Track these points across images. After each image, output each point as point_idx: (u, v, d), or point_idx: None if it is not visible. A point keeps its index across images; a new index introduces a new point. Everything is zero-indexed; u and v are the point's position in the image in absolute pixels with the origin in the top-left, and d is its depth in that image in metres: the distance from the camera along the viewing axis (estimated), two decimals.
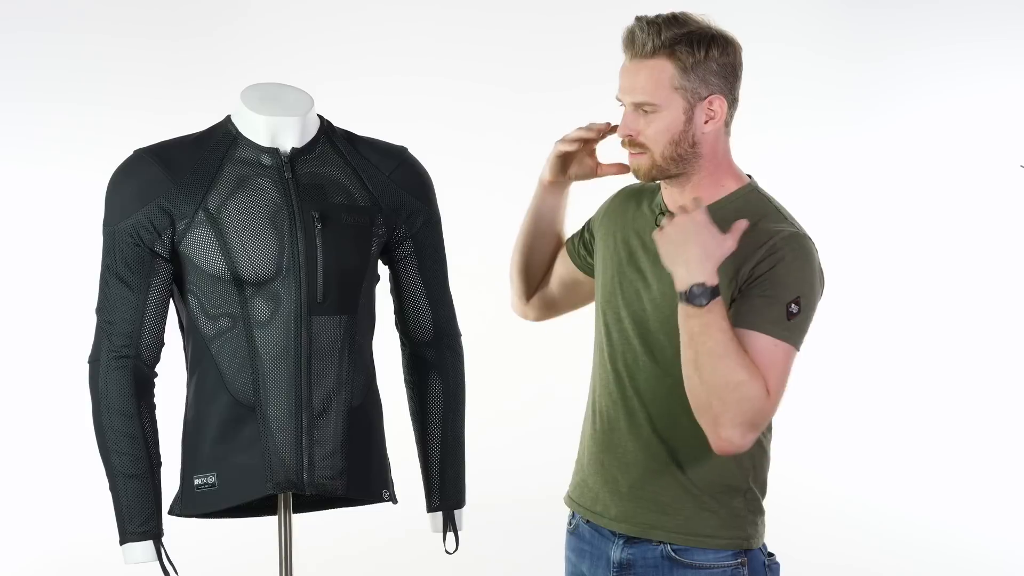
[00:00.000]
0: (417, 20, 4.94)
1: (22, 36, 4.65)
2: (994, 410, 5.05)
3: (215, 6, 4.84)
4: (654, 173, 2.25)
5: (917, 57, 5.10)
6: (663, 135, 2.20)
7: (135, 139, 2.39)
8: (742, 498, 2.25)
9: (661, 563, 2.25)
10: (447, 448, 2.47)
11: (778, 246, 2.16)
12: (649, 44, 2.18)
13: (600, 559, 2.32)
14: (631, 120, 2.23)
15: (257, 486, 2.25)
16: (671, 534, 2.24)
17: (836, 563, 4.62)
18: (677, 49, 2.17)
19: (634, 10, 2.27)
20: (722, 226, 2.14)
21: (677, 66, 2.18)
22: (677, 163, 2.22)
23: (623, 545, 2.28)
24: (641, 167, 2.25)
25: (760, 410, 2.08)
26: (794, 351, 2.14)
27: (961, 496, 4.98)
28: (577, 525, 2.38)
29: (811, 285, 2.17)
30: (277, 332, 2.24)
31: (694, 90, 2.19)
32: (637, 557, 2.26)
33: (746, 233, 2.15)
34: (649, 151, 2.22)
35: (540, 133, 4.92)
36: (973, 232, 5.07)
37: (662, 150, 2.21)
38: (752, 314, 2.13)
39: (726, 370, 2.06)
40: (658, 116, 2.20)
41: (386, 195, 2.36)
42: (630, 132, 2.23)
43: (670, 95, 2.19)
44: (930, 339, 5.11)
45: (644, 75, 2.20)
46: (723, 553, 2.23)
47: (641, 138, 2.22)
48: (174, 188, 2.24)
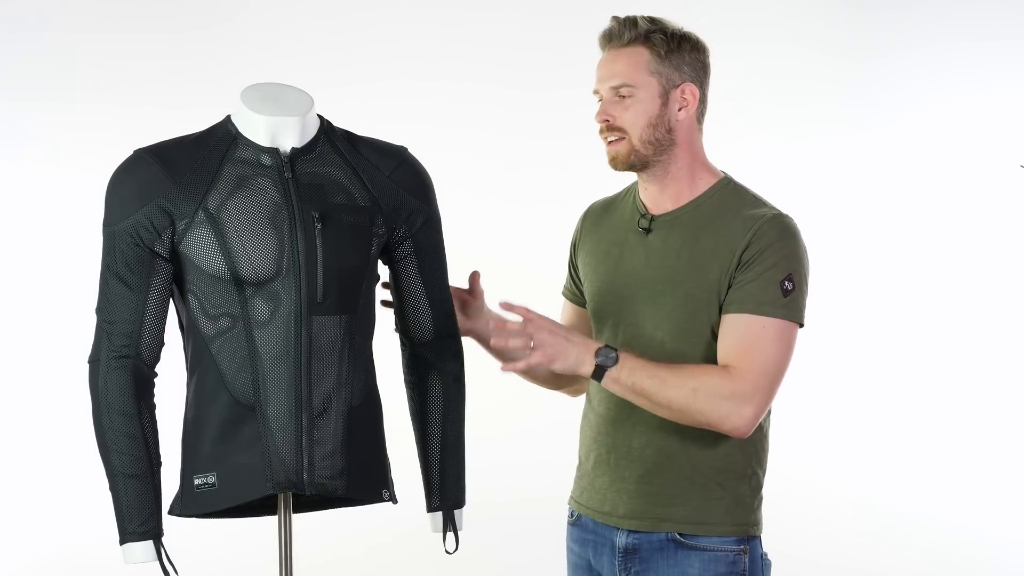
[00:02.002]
0: (417, 21, 4.94)
1: (22, 36, 4.65)
2: (993, 409, 5.05)
3: (215, 6, 4.84)
4: (632, 160, 2.32)
5: (917, 57, 5.10)
6: (640, 118, 2.29)
7: (135, 139, 2.39)
8: (747, 483, 2.31)
9: (666, 545, 2.30)
10: (447, 448, 2.47)
11: (763, 229, 2.25)
12: (626, 35, 2.31)
13: (604, 546, 2.37)
14: (608, 106, 2.32)
15: (257, 486, 2.25)
16: (679, 524, 2.30)
17: (838, 564, 4.62)
18: (652, 37, 2.30)
19: (638, 10, 2.33)
20: (704, 222, 2.28)
21: (652, 52, 2.29)
22: (655, 148, 2.30)
23: (628, 532, 2.34)
24: (619, 153, 2.32)
25: (734, 390, 2.18)
26: (795, 326, 2.25)
27: (962, 495, 4.97)
28: (579, 517, 2.44)
29: (799, 260, 2.26)
30: (277, 332, 2.24)
31: (668, 76, 2.30)
32: (643, 541, 2.32)
33: (728, 222, 2.26)
34: (627, 135, 2.30)
35: (540, 133, 4.96)
36: (973, 232, 5.07)
37: (640, 133, 2.29)
38: (747, 299, 2.23)
39: (675, 391, 2.18)
40: (635, 100, 2.29)
41: (386, 195, 2.36)
42: (607, 117, 2.31)
43: (647, 78, 2.29)
44: (929, 338, 5.11)
45: (622, 61, 2.31)
46: (728, 540, 2.29)
47: (619, 122, 2.30)
48: (174, 188, 2.24)
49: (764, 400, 2.22)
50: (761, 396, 2.21)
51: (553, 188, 4.75)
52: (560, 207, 5.05)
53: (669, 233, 2.33)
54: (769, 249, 2.23)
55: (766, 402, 2.23)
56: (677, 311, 2.28)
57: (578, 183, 5.03)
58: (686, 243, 2.30)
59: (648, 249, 2.34)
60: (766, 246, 2.23)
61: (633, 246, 2.36)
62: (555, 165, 4.81)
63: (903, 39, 5.11)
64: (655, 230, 2.34)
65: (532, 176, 4.87)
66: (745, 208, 2.29)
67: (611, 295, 2.38)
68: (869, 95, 5.13)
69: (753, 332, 2.21)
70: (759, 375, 2.20)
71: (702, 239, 2.29)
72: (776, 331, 2.22)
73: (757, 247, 2.23)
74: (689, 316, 2.28)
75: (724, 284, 2.25)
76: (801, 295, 2.25)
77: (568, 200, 4.83)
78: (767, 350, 2.21)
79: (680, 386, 2.18)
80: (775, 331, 2.22)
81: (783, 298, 2.22)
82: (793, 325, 2.24)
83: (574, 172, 4.77)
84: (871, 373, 5.13)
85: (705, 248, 2.28)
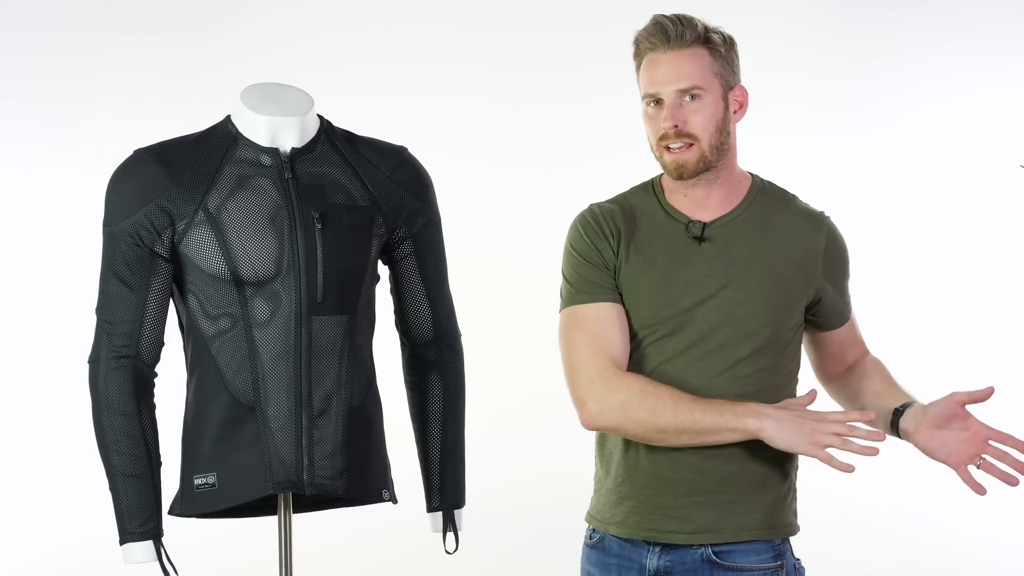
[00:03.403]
0: (418, 20, 4.94)
1: (22, 36, 4.65)
2: (993, 409, 5.04)
3: (215, 6, 4.84)
4: (701, 166, 2.21)
5: (916, 56, 5.10)
6: (710, 122, 2.20)
7: (135, 139, 2.39)
8: (787, 483, 2.27)
9: (701, 566, 2.21)
10: (447, 448, 2.47)
11: (833, 229, 2.32)
12: (687, 34, 2.19)
13: (631, 569, 2.25)
14: (676, 111, 2.18)
15: (257, 486, 2.25)
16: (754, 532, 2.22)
17: (843, 566, 4.62)
18: (712, 38, 2.21)
19: (634, 11, 2.28)
20: (758, 224, 2.25)
21: (713, 53, 2.21)
22: (719, 154, 2.22)
23: (660, 552, 2.22)
24: (688, 161, 2.20)
25: None
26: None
27: (966, 497, 4.96)
28: (601, 539, 2.30)
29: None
30: (277, 332, 2.24)
31: (727, 78, 2.23)
32: (676, 563, 2.21)
33: (785, 220, 2.27)
34: (698, 141, 2.19)
35: (540, 133, 4.95)
36: (973, 232, 5.06)
37: (709, 139, 2.20)
38: (848, 308, 2.37)
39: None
40: (704, 103, 2.19)
41: (386, 195, 2.36)
42: (677, 122, 2.18)
43: (712, 80, 2.20)
44: (929, 339, 5.10)
45: (686, 61, 2.19)
46: (765, 556, 2.21)
47: (689, 127, 2.18)
48: (174, 188, 2.24)
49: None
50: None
51: (553, 188, 4.75)
52: (560, 207, 5.06)
53: (729, 239, 2.23)
54: (844, 251, 2.35)
55: None
56: (752, 318, 2.19)
57: (578, 183, 5.04)
58: (750, 248, 2.22)
59: (708, 257, 2.22)
60: (841, 246, 2.34)
61: (687, 255, 2.23)
62: (555, 165, 4.81)
63: (903, 39, 5.11)
64: (711, 238, 2.23)
65: (532, 176, 4.87)
66: (791, 204, 2.32)
67: (667, 307, 2.22)
68: (869, 95, 5.13)
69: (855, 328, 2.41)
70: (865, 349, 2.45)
71: (767, 242, 2.23)
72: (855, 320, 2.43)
73: (835, 247, 2.32)
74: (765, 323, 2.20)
75: (802, 287, 2.25)
76: None
77: (568, 200, 4.83)
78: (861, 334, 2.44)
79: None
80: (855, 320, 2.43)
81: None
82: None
83: (574, 172, 4.78)
84: None
85: (774, 251, 2.22)
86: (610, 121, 4.17)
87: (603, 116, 4.58)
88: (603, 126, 4.57)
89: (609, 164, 3.85)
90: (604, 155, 4.52)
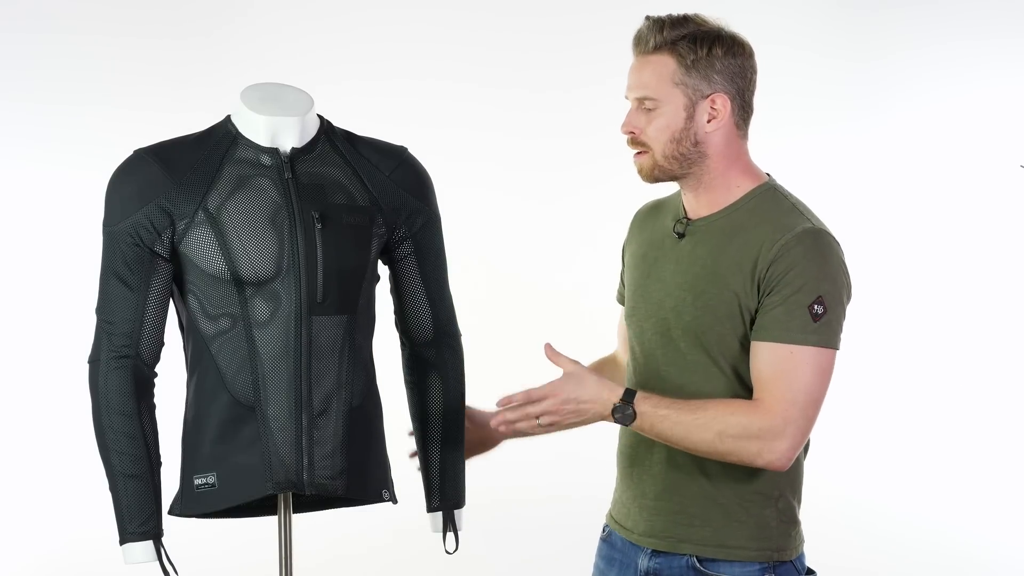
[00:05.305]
0: (418, 21, 4.94)
1: (22, 36, 4.65)
2: (993, 410, 5.04)
3: (215, 6, 4.84)
4: (656, 173, 2.23)
5: (917, 57, 5.10)
6: (663, 132, 2.19)
7: (135, 139, 2.39)
8: (773, 507, 2.22)
9: (687, 573, 2.23)
10: (447, 448, 2.47)
11: (789, 245, 2.13)
12: (652, 41, 2.18)
13: (629, 567, 2.32)
14: (633, 117, 2.22)
15: (257, 486, 2.25)
16: (698, 547, 2.22)
17: (843, 566, 4.62)
18: (679, 45, 2.17)
19: (634, 12, 2.28)
20: (735, 229, 2.18)
21: (679, 62, 2.17)
22: (680, 163, 2.21)
23: (651, 555, 2.28)
24: (644, 167, 2.24)
25: (761, 426, 2.10)
26: (828, 351, 2.13)
27: (966, 498, 4.97)
28: (611, 533, 2.39)
29: (833, 280, 2.14)
30: (277, 332, 2.24)
31: (695, 87, 2.18)
32: (664, 567, 2.26)
33: (758, 231, 2.16)
34: (650, 150, 2.21)
35: (539, 132, 4.96)
36: (973, 232, 5.07)
37: (663, 148, 2.20)
38: (773, 326, 2.12)
39: (700, 435, 2.11)
40: (658, 113, 2.19)
41: (386, 195, 2.36)
42: (632, 129, 2.22)
43: (670, 91, 2.18)
44: (929, 339, 5.11)
45: (647, 71, 2.20)
46: (751, 567, 2.21)
47: (642, 136, 2.21)
48: (174, 188, 2.24)
49: (797, 431, 2.10)
50: (793, 428, 2.09)
51: (553, 188, 4.75)
52: (560, 207, 5.07)
53: (700, 239, 2.22)
54: (795, 270, 2.11)
55: (800, 433, 2.11)
56: (697, 322, 2.19)
57: (578, 183, 5.04)
58: (712, 251, 2.20)
59: (679, 255, 2.25)
60: (792, 265, 2.11)
61: (667, 251, 2.27)
62: (555, 165, 4.81)
63: (903, 39, 5.11)
64: (688, 235, 2.24)
65: (531, 176, 4.87)
66: (780, 217, 2.17)
67: (642, 301, 2.29)
68: (869, 95, 5.13)
69: (781, 361, 2.10)
70: (788, 406, 2.09)
71: (728, 248, 2.18)
72: (806, 359, 2.10)
73: (783, 266, 2.11)
74: (708, 328, 2.18)
75: (746, 299, 2.15)
76: (835, 319, 2.13)
77: (568, 200, 4.84)
78: (797, 379, 2.10)
79: (705, 429, 2.09)
80: (805, 359, 2.10)
81: (813, 323, 2.10)
82: (826, 351, 2.12)
83: (574, 172, 4.79)
84: (870, 373, 5.13)
85: (730, 258, 2.18)
86: (610, 121, 4.17)
87: (603, 116, 4.57)
88: (603, 126, 4.56)
89: (609, 164, 3.85)
90: (604, 155, 4.51)
